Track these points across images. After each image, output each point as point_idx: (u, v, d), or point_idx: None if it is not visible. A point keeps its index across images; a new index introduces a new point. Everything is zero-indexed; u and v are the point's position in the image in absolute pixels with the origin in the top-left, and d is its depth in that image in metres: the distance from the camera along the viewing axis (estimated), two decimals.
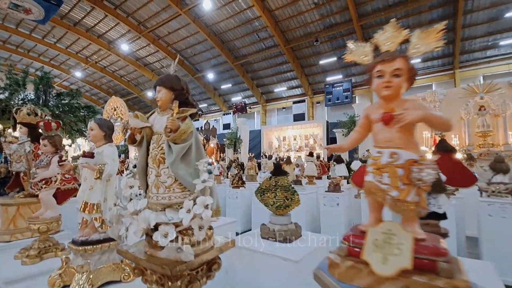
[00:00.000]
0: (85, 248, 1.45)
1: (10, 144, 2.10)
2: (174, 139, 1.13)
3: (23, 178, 2.28)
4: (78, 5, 15.11)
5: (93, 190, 1.48)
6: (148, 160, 1.23)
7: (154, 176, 1.20)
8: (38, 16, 11.98)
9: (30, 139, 2.26)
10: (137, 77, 22.24)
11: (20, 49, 19.60)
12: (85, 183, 1.51)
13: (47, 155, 1.89)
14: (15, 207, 2.21)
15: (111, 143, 1.63)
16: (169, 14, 14.95)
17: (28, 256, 1.73)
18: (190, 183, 1.13)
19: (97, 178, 1.42)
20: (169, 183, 1.17)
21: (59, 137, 1.96)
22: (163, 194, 1.17)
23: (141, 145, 1.24)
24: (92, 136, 1.57)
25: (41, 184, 1.83)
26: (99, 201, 1.48)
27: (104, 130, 1.58)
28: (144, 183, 1.25)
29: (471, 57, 13.76)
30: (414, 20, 12.89)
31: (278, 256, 1.72)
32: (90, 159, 1.45)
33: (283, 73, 18.01)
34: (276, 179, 2.17)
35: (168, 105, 1.28)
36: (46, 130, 1.93)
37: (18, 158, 2.15)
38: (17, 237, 2.17)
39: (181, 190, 1.17)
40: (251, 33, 15.53)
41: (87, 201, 1.47)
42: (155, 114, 1.31)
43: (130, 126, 1.22)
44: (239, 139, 13.44)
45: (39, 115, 2.30)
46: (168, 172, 1.17)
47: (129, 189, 1.18)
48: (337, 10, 13.22)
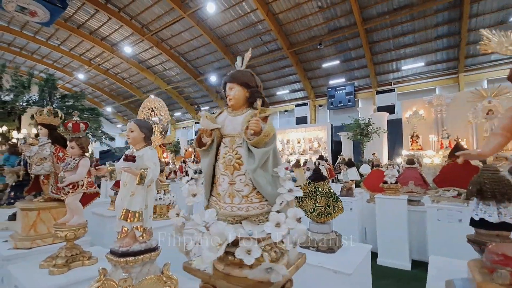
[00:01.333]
0: (127, 260, 1.33)
1: (30, 146, 2.04)
2: (257, 142, 1.00)
3: (43, 181, 2.20)
4: (82, 8, 15.18)
5: (134, 196, 1.38)
6: (218, 166, 1.12)
7: (227, 184, 1.07)
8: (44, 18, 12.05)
9: (51, 141, 2.19)
10: (139, 80, 22.27)
11: (24, 51, 19.68)
12: (125, 188, 1.41)
13: (74, 158, 1.81)
14: (35, 212, 2.12)
15: (150, 145, 1.53)
16: (173, 17, 15.01)
17: (55, 265, 1.63)
18: (270, 192, 1.01)
19: (139, 183, 1.34)
20: (246, 192, 1.05)
21: (86, 139, 1.88)
22: (239, 205, 1.04)
23: (210, 149, 1.13)
24: (132, 138, 1.47)
25: (68, 188, 1.76)
26: (141, 209, 1.39)
27: (144, 132, 1.48)
28: (208, 191, 1.14)
29: (476, 61, 13.75)
30: (420, 24, 12.92)
31: (328, 269, 1.60)
32: (132, 163, 1.34)
33: (286, 76, 18.03)
34: (316, 184, 2.07)
35: (241, 104, 1.15)
36: (74, 131, 1.86)
37: (39, 161, 2.07)
38: (38, 244, 2.09)
39: (259, 200, 1.05)
40: (255, 36, 15.57)
41: (128, 208, 1.38)
42: (225, 114, 1.18)
43: (200, 128, 1.11)
44: None
45: (59, 116, 2.26)
46: (245, 179, 1.05)
47: (192, 198, 1.07)
48: (342, 13, 13.24)
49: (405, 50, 14.30)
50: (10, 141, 3.43)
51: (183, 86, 21.26)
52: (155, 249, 1.46)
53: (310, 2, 12.87)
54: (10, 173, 2.53)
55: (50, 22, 12.22)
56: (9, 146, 3.27)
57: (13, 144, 3.26)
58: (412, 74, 15.40)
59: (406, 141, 10.07)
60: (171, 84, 21.37)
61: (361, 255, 1.82)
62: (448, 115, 9.00)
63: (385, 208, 3.83)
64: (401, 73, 15.52)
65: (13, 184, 2.63)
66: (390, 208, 3.79)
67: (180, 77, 20.43)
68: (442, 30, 13.04)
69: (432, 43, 13.69)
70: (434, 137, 8.52)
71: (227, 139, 1.12)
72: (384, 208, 3.84)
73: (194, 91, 21.85)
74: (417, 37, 13.56)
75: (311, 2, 12.85)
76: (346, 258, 1.77)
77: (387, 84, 15.83)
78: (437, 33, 13.22)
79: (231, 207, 1.05)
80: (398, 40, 13.91)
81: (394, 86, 15.54)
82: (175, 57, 18.47)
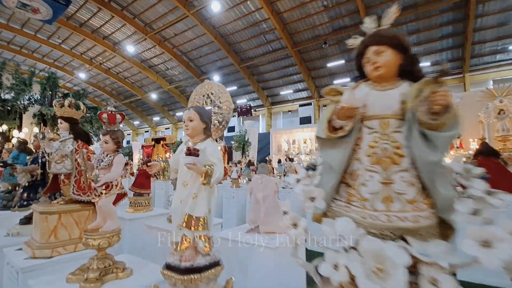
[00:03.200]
0: (192, 278, 1.09)
1: (51, 142, 1.78)
2: (443, 123, 0.72)
3: (64, 181, 1.93)
4: (85, 6, 14.99)
5: (197, 199, 1.14)
6: (359, 159, 0.83)
7: (378, 184, 0.78)
8: (46, 16, 11.87)
9: (73, 136, 1.95)
10: (141, 79, 22.08)
11: (24, 49, 19.43)
12: (186, 190, 1.16)
13: (108, 154, 1.57)
14: (56, 216, 1.83)
15: (211, 138, 1.32)
16: (176, 15, 14.86)
17: (87, 279, 1.38)
18: (449, 196, 0.71)
19: (205, 183, 1.10)
20: (411, 196, 0.75)
21: (122, 132, 1.67)
22: (402, 213, 0.73)
23: (350, 136, 0.84)
24: (191, 128, 1.24)
25: (101, 189, 1.51)
26: (206, 214, 1.15)
27: (205, 121, 1.27)
28: (332, 192, 0.84)
29: (481, 61, 13.70)
30: (424, 24, 12.84)
31: None
32: (196, 158, 1.09)
33: (290, 76, 17.90)
34: None
35: (392, 74, 0.87)
36: (109, 123, 1.62)
37: (59, 159, 1.83)
38: (59, 252, 1.80)
39: (429, 206, 0.75)
40: (258, 35, 15.44)
41: (191, 213, 1.13)
42: (365, 89, 0.89)
43: (340, 106, 0.83)
44: (248, 142, 13.24)
45: (81, 109, 2.08)
46: (409, 177, 0.75)
47: (310, 202, 0.80)
48: (347, 12, 13.15)
49: None
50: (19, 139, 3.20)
51: (185, 85, 21.08)
52: (219, 263, 1.23)
53: (315, 1, 12.77)
54: (23, 173, 2.30)
55: (53, 19, 12.03)
56: (18, 143, 3.07)
57: (23, 141, 3.07)
58: None
59: None
60: (173, 83, 21.19)
61: None
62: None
63: None
64: None
65: (25, 184, 2.38)
66: None
67: (182, 76, 20.26)
68: (447, 30, 12.97)
69: (437, 43, 13.61)
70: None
71: (374, 121, 0.83)
72: None
73: None
74: (421, 36, 13.48)
75: (317, 1, 12.75)
76: None
77: None
78: (442, 33, 13.15)
79: (386, 216, 0.75)
80: None
81: None
82: (178, 56, 18.30)
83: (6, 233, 2.27)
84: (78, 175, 1.87)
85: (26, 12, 11.09)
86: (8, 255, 1.88)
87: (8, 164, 2.68)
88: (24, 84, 10.76)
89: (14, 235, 2.23)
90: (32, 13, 11.20)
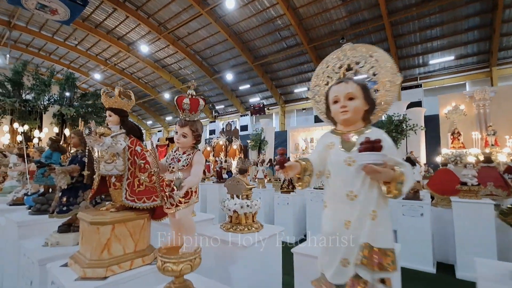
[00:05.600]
0: None
1: (102, 138, 1.45)
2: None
3: (115, 184, 1.64)
4: (100, 7, 15.10)
5: (377, 219, 0.76)
6: None
7: None
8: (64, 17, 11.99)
9: (125, 131, 1.68)
10: (154, 79, 22.18)
11: (42, 52, 19.84)
12: (354, 205, 0.82)
13: (185, 152, 1.26)
14: (109, 227, 1.50)
15: (370, 125, 1.04)
16: (190, 14, 14.76)
17: None
18: None
19: (396, 194, 0.75)
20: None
21: (201, 124, 1.36)
22: None
23: None
24: (353, 111, 0.93)
25: (178, 197, 1.18)
26: (393, 246, 0.77)
27: (369, 102, 1.00)
28: None
29: (509, 54, 12.94)
30: (449, 16, 12.22)
31: None
32: (384, 155, 0.77)
33: (304, 73, 17.51)
34: None
35: None
36: (191, 111, 1.26)
37: (110, 158, 1.56)
38: (114, 271, 1.48)
39: None
40: (273, 32, 15.14)
41: (372, 243, 0.76)
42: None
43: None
44: (264, 140, 12.99)
45: (132, 98, 1.86)
46: None
47: None
48: (366, 6, 12.67)
49: (432, 44, 13.60)
50: (51, 137, 3.04)
51: (198, 84, 21.02)
52: None
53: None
54: (63, 174, 2.10)
55: (70, 20, 12.15)
56: (51, 142, 2.92)
57: (55, 139, 2.91)
58: (440, 69, 14.65)
59: (444, 139, 9.42)
60: (186, 83, 21.16)
61: None
62: (491, 110, 8.34)
63: (464, 213, 3.34)
64: (428, 68, 14.79)
65: (65, 187, 2.09)
66: (471, 213, 3.30)
67: (195, 76, 20.19)
68: (473, 21, 12.29)
69: (462, 36, 12.93)
70: (477, 134, 7.90)
71: None
72: (463, 214, 3.35)
73: (209, 89, 21.60)
74: (445, 29, 12.85)
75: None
76: None
77: (413, 79, 15.11)
78: (468, 25, 12.48)
79: None
80: (425, 33, 13.23)
81: (421, 82, 14.80)
82: (191, 55, 18.24)
83: (44, 243, 2.03)
84: (131, 177, 1.61)
85: (45, 13, 11.21)
86: (52, 272, 1.56)
87: (44, 164, 2.50)
88: (44, 84, 10.91)
89: (54, 245, 2.00)
90: (51, 14, 11.31)
